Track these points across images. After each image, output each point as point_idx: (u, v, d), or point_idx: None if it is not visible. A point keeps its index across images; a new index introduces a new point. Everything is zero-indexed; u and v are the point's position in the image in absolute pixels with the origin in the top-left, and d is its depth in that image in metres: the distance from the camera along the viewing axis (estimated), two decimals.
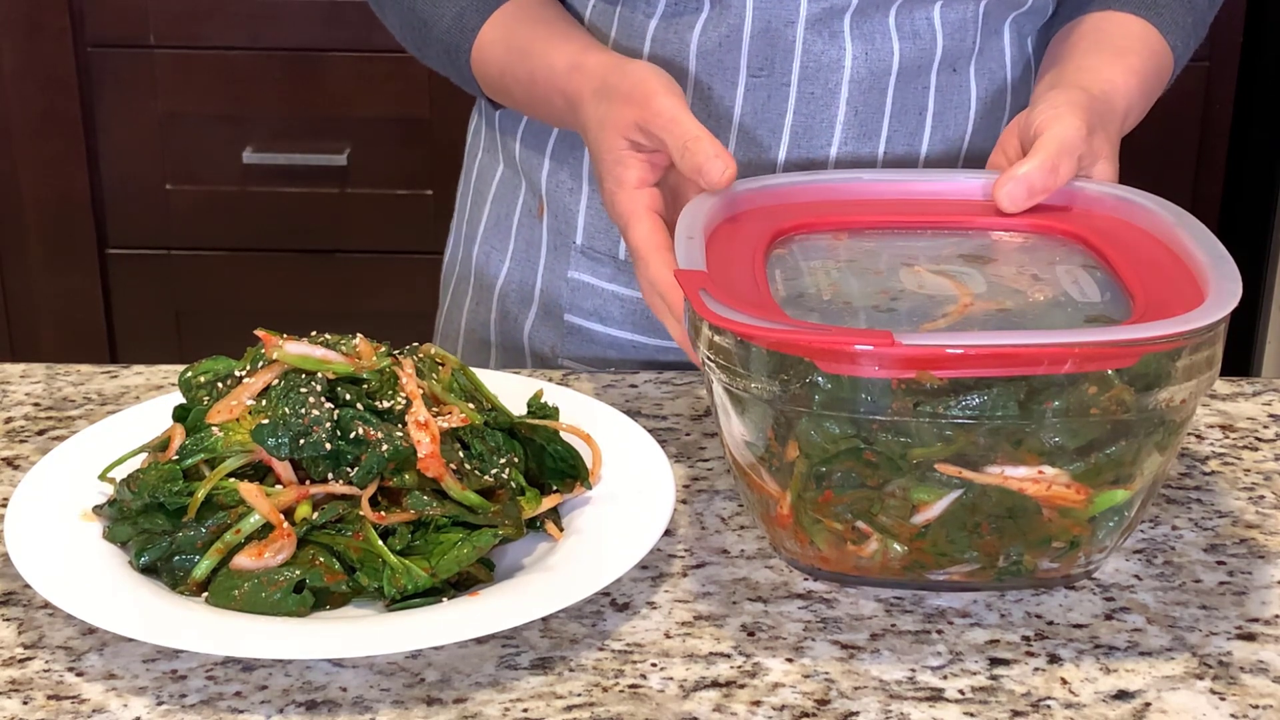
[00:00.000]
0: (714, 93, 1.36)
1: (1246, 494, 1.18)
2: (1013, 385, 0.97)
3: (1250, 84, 2.69)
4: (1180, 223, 1.12)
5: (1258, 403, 1.30)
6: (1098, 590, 1.07)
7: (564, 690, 0.97)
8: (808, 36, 1.33)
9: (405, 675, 0.98)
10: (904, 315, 1.05)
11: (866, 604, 1.05)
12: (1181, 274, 1.06)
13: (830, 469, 1.01)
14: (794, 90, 1.35)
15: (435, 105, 2.68)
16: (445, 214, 1.67)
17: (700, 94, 1.36)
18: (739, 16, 1.33)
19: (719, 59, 1.35)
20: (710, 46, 1.34)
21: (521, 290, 1.51)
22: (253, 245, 2.83)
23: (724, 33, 1.33)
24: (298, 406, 1.03)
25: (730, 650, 1.01)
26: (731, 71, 1.35)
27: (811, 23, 1.33)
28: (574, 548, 1.07)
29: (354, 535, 1.03)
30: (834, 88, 1.35)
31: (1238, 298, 1.00)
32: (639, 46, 1.37)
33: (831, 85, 1.35)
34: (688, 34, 1.35)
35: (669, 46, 1.36)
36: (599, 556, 1.04)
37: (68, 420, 1.26)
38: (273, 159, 2.75)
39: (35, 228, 2.77)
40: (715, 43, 1.34)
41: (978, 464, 1.00)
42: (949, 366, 0.95)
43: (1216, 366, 1.00)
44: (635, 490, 1.10)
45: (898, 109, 1.37)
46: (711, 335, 1.00)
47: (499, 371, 1.26)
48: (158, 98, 2.73)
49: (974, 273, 1.10)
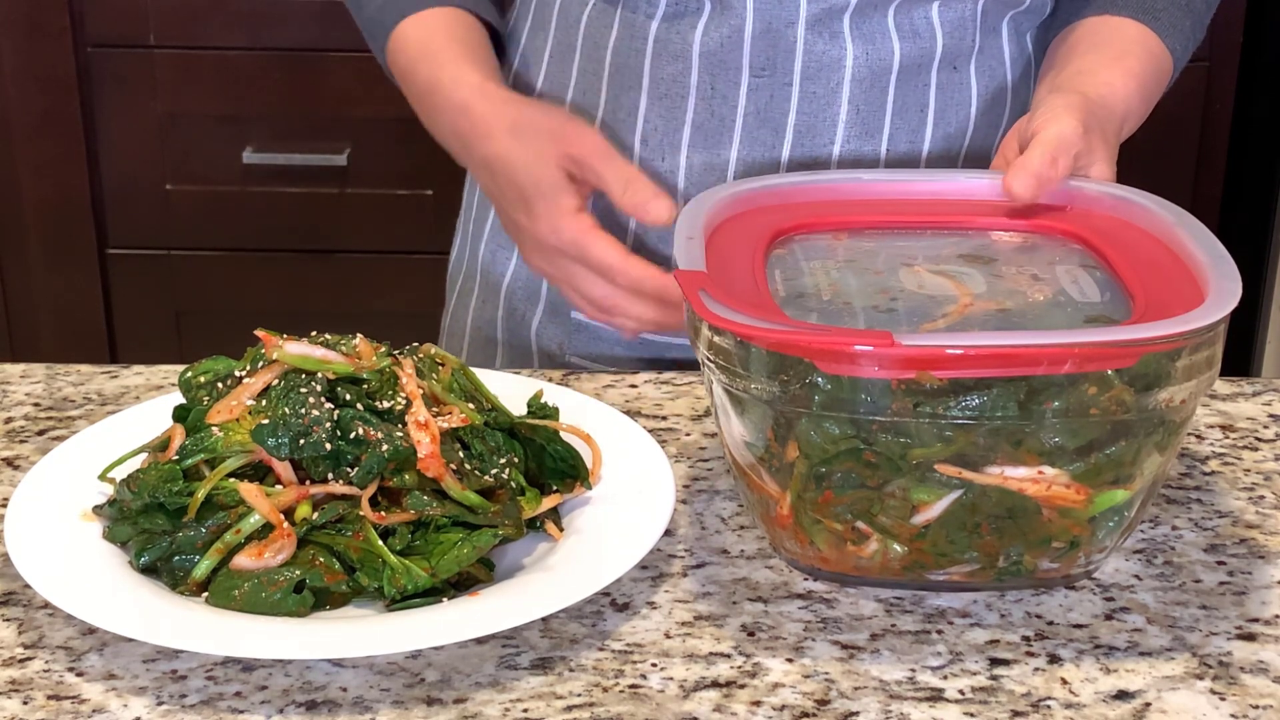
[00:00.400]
0: (717, 92, 1.36)
1: (1246, 494, 1.18)
2: (1012, 385, 0.97)
3: (1250, 84, 2.69)
4: (1180, 223, 1.12)
5: (1258, 403, 1.30)
6: (1098, 590, 1.07)
7: (564, 690, 0.97)
8: (808, 36, 1.34)
9: (405, 675, 0.98)
10: (904, 315, 1.05)
11: (866, 604, 1.05)
12: (1181, 274, 1.06)
13: (830, 469, 1.01)
14: (796, 89, 1.36)
15: None
16: (445, 214, 1.67)
17: (704, 94, 1.37)
18: (740, 17, 1.33)
19: (721, 59, 1.35)
20: (713, 47, 1.35)
21: (528, 288, 1.51)
22: (253, 245, 2.83)
23: (726, 34, 1.34)
24: (298, 406, 1.03)
25: (730, 650, 1.01)
26: (734, 72, 1.35)
27: (811, 23, 1.33)
28: (574, 548, 1.07)
29: (354, 535, 1.03)
30: (835, 86, 1.36)
31: (1237, 298, 1.00)
32: (641, 47, 1.37)
33: (833, 84, 1.36)
34: (690, 34, 1.35)
35: (671, 47, 1.36)
36: (599, 556, 1.04)
37: (68, 420, 1.26)
38: (273, 159, 2.74)
39: (35, 228, 2.76)
40: (717, 43, 1.35)
41: (978, 464, 1.00)
42: (949, 367, 0.95)
43: (1216, 366, 1.01)
44: (635, 490, 1.10)
45: (899, 107, 1.38)
46: (711, 336, 1.00)
47: (499, 371, 1.26)
48: (158, 98, 2.72)
49: (974, 273, 1.10)
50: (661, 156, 1.39)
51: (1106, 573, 1.08)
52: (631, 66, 1.38)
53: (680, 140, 1.38)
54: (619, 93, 1.40)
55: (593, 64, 1.41)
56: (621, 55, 1.38)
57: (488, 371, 1.20)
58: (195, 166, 2.77)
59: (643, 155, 1.40)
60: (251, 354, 1.09)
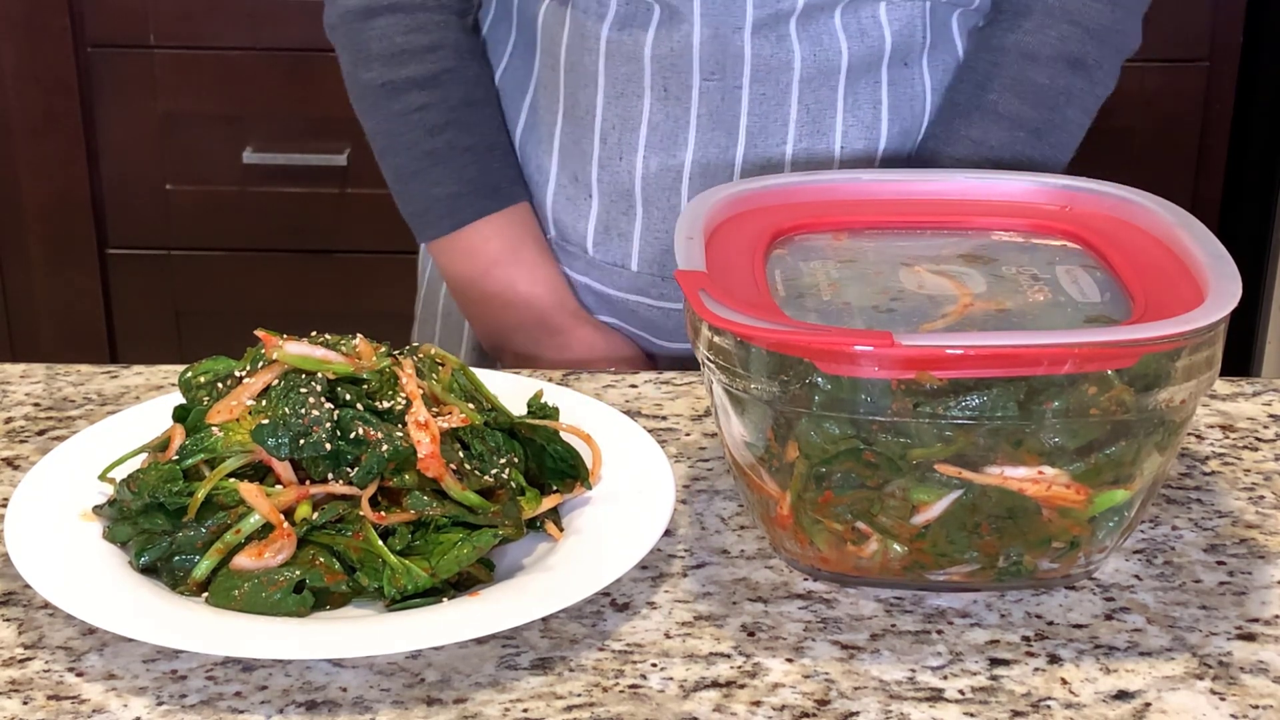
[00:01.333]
0: (670, 95, 1.38)
1: (1246, 494, 1.18)
2: (1012, 386, 0.97)
3: (1250, 84, 2.69)
4: (1180, 223, 1.12)
5: (1258, 403, 1.30)
6: (1098, 590, 1.07)
7: (564, 690, 0.97)
8: (755, 41, 1.35)
9: (405, 675, 0.98)
10: (903, 315, 1.05)
11: (866, 604, 1.05)
12: (1181, 274, 1.06)
13: (830, 470, 1.01)
14: (746, 92, 1.37)
15: None
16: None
17: (658, 95, 1.38)
18: (688, 23, 1.35)
19: (673, 63, 1.37)
20: (664, 52, 1.36)
21: None
22: (253, 245, 2.82)
23: (676, 39, 1.35)
24: (298, 407, 1.03)
25: (730, 650, 1.01)
26: (686, 75, 1.37)
27: (758, 27, 1.35)
28: (574, 548, 1.07)
29: (354, 535, 1.03)
30: (785, 88, 1.37)
31: (1238, 298, 1.00)
32: (594, 48, 1.39)
33: (782, 86, 1.37)
34: (641, 38, 1.36)
35: (624, 49, 1.37)
36: (599, 556, 1.04)
37: (68, 420, 1.26)
38: (273, 159, 2.73)
39: (35, 228, 2.76)
40: (668, 49, 1.36)
41: (978, 464, 1.00)
42: (949, 367, 0.95)
43: (1216, 367, 1.01)
44: (635, 490, 1.10)
45: (850, 104, 1.39)
46: (711, 336, 1.00)
47: (499, 372, 1.26)
48: (158, 98, 2.72)
49: (974, 273, 1.10)
50: (620, 155, 1.40)
51: (1106, 573, 1.08)
52: (586, 65, 1.40)
53: (637, 141, 1.39)
54: (576, 89, 1.41)
55: (551, 59, 1.43)
56: (575, 54, 1.40)
57: (488, 372, 1.20)
58: (195, 166, 2.76)
59: (602, 155, 1.41)
60: (251, 354, 1.09)
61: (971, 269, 1.11)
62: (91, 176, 2.76)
